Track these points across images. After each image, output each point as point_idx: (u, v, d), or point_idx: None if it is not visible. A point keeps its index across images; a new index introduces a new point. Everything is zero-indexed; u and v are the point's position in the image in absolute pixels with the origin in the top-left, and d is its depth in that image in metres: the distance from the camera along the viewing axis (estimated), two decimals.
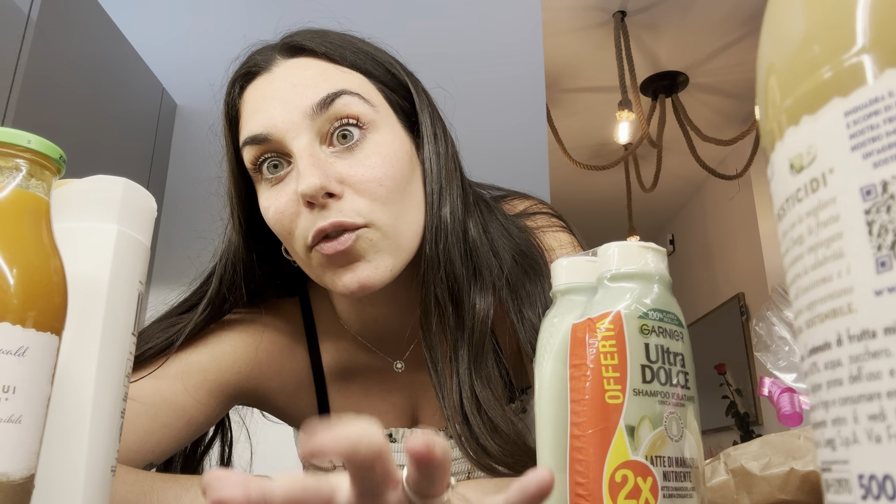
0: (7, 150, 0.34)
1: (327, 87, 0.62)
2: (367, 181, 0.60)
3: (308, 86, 0.62)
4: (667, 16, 3.04)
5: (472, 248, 0.66)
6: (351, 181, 0.60)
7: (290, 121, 0.61)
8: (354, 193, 0.60)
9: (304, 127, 0.61)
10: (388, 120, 0.65)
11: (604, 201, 4.50)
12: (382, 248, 0.61)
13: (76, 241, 0.39)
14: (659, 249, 0.38)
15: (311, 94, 0.61)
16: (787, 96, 0.22)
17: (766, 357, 0.61)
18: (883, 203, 0.19)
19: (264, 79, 0.65)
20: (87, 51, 1.63)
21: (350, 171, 0.60)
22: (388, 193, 0.61)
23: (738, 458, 0.45)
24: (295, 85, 0.62)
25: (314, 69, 0.64)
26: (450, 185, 0.66)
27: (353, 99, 0.62)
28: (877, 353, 0.19)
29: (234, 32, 1.99)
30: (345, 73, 0.64)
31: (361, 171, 0.60)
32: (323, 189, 0.58)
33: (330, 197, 0.59)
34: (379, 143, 0.62)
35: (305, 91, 0.61)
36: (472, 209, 0.68)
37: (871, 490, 0.19)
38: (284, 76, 0.64)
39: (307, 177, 0.58)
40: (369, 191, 0.60)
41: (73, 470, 0.38)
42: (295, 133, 0.61)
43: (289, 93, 0.62)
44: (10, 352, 0.31)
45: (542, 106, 1.95)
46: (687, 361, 0.37)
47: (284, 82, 0.63)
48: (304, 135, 0.61)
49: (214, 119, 0.71)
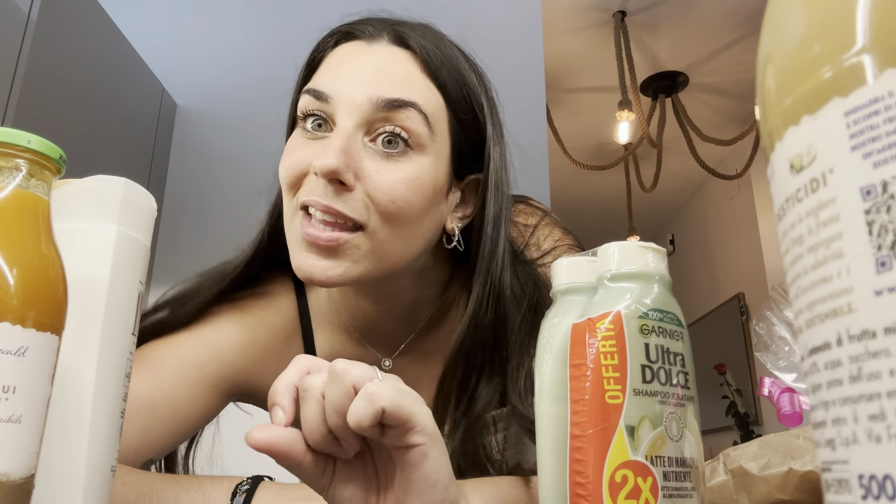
0: (7, 150, 0.34)
1: (402, 92, 0.61)
2: (383, 192, 0.60)
3: (387, 79, 0.61)
4: (667, 16, 3.04)
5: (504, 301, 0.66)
6: (369, 182, 0.60)
7: (353, 98, 0.60)
8: (364, 194, 0.60)
9: (360, 111, 0.60)
10: (439, 151, 0.64)
11: (604, 201, 4.50)
12: (360, 259, 0.61)
13: (76, 241, 0.39)
14: (659, 249, 0.38)
15: (385, 87, 0.61)
16: (787, 96, 0.22)
17: (766, 357, 0.61)
18: (883, 203, 0.19)
19: (359, 46, 0.65)
20: (87, 51, 1.63)
21: (373, 172, 0.60)
22: (398, 214, 0.60)
23: (737, 459, 0.45)
24: (378, 70, 0.62)
25: (405, 68, 0.63)
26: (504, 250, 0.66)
27: (418, 116, 0.61)
28: (877, 353, 0.19)
29: (234, 32, 2.00)
30: (429, 87, 0.63)
31: (382, 179, 0.60)
32: (334, 173, 0.58)
33: (340, 184, 0.59)
34: (415, 165, 0.61)
35: (382, 82, 0.61)
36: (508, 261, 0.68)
37: (871, 490, 0.19)
38: (377, 57, 0.63)
39: (329, 156, 0.58)
40: (379, 202, 0.60)
41: (73, 470, 0.38)
42: (349, 110, 0.60)
43: (370, 75, 0.61)
44: (10, 352, 0.31)
45: (542, 106, 1.95)
46: (687, 361, 0.37)
47: (372, 63, 0.63)
48: (355, 117, 0.60)
49: (215, 118, 0.71)
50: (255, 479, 0.55)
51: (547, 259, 0.74)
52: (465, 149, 0.66)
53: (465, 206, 0.69)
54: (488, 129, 0.67)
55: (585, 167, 3.49)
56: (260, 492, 0.54)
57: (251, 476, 0.56)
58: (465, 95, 0.65)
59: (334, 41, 0.67)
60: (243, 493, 0.54)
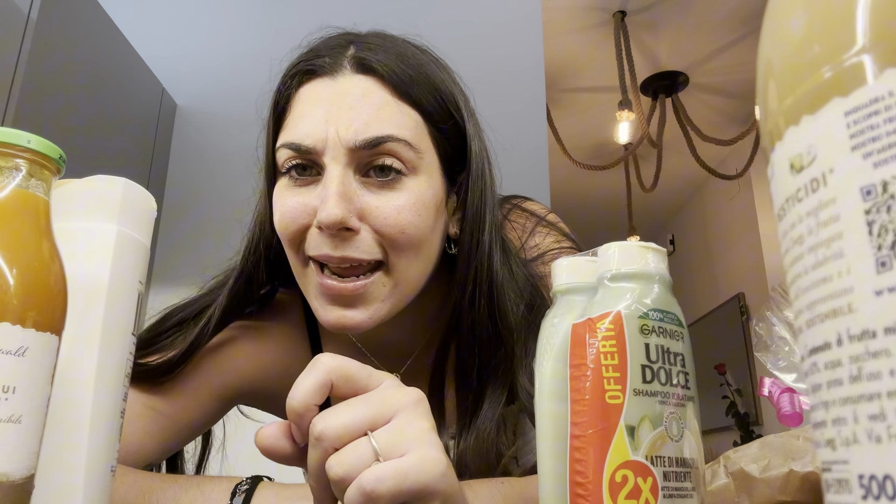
0: (7, 150, 0.34)
1: (377, 129, 0.59)
2: (390, 226, 0.59)
3: (360, 117, 0.60)
4: (667, 16, 3.04)
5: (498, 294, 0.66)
6: (373, 219, 0.59)
7: (334, 142, 0.59)
8: (372, 232, 0.59)
9: (344, 153, 0.59)
10: (430, 167, 0.63)
11: (604, 201, 4.50)
12: (387, 298, 0.61)
13: (76, 241, 0.39)
14: (659, 249, 0.38)
15: (361, 128, 0.59)
16: (787, 96, 0.22)
17: (766, 357, 0.61)
18: (883, 203, 0.19)
19: (324, 84, 0.62)
20: (87, 51, 1.63)
21: (376, 207, 0.59)
22: (409, 241, 0.60)
23: (737, 461, 0.45)
24: (351, 107, 0.60)
25: (375, 98, 0.61)
26: (483, 234, 0.66)
27: (400, 145, 0.60)
28: (877, 353, 0.19)
29: (234, 32, 1.99)
30: (403, 111, 0.62)
31: (386, 214, 0.59)
32: (342, 224, 0.57)
33: (347, 230, 0.59)
34: (412, 189, 0.61)
35: (356, 123, 0.59)
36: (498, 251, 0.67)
37: (871, 490, 0.19)
38: (345, 93, 0.61)
39: (330, 207, 0.57)
40: (389, 236, 0.60)
41: (73, 470, 0.38)
42: (334, 154, 0.59)
43: (344, 113, 0.60)
44: (10, 352, 0.31)
45: (542, 106, 1.95)
46: (687, 361, 0.37)
47: (342, 99, 0.61)
48: (341, 159, 0.59)
49: (215, 118, 0.71)
50: (255, 480, 0.55)
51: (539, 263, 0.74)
52: (452, 154, 0.66)
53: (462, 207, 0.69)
54: (467, 128, 0.67)
55: (585, 167, 3.49)
56: (259, 492, 0.54)
57: (250, 476, 0.56)
58: (440, 104, 0.64)
59: (297, 82, 0.64)
60: (242, 493, 0.54)
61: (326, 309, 0.61)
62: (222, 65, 1.96)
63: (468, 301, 0.65)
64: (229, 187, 1.80)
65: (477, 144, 0.67)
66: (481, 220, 0.66)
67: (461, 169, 0.67)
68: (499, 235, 0.69)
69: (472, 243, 0.65)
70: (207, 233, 1.77)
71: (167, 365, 0.65)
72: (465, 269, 0.65)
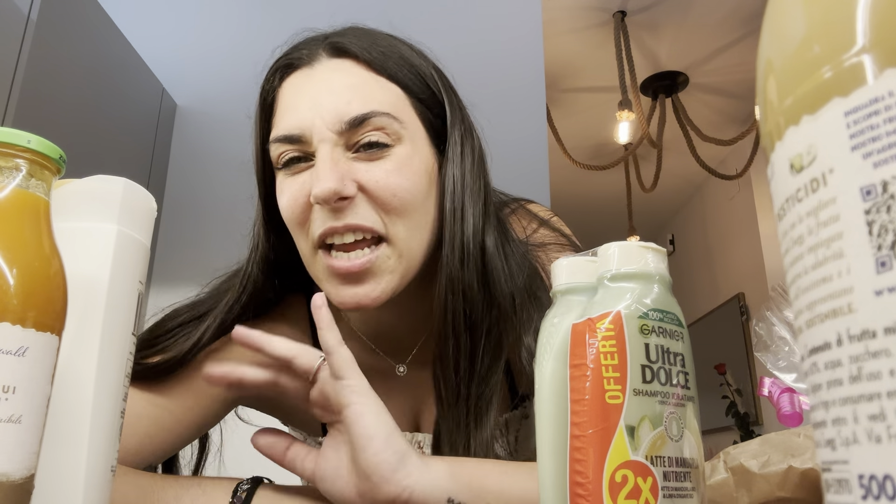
0: (7, 150, 0.34)
1: (359, 106, 0.62)
2: (381, 188, 0.61)
3: (342, 98, 0.62)
4: (667, 16, 3.04)
5: (489, 267, 0.66)
6: (366, 186, 0.61)
7: (318, 127, 0.61)
8: (367, 199, 0.61)
9: (331, 135, 0.61)
10: (416, 136, 0.65)
11: (604, 201, 4.50)
12: (394, 269, 0.62)
13: (76, 241, 0.39)
14: (659, 249, 0.38)
15: (342, 108, 0.62)
16: (787, 96, 0.22)
17: (766, 357, 0.61)
18: (883, 203, 0.19)
19: (304, 74, 0.65)
20: (87, 51, 1.63)
21: (367, 175, 0.61)
22: (402, 205, 0.62)
23: (737, 457, 0.45)
24: (331, 91, 0.63)
25: (353, 77, 0.64)
26: (473, 203, 0.66)
27: (384, 119, 0.62)
28: (877, 353, 0.19)
29: (234, 32, 2.00)
30: (382, 85, 0.65)
31: (377, 178, 0.61)
32: (337, 194, 0.59)
33: (343, 200, 0.60)
34: (401, 157, 0.63)
35: (338, 103, 0.62)
36: (491, 227, 0.68)
37: (871, 490, 0.19)
38: (324, 77, 0.64)
39: (323, 180, 0.59)
40: (382, 199, 0.61)
41: (73, 470, 0.38)
42: (321, 137, 0.61)
43: (325, 98, 0.63)
44: (10, 352, 0.31)
45: (542, 106, 1.95)
46: (687, 361, 0.37)
47: (322, 84, 0.64)
48: (329, 140, 0.61)
49: (215, 118, 0.71)
50: (255, 480, 0.56)
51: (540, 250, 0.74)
52: (436, 124, 0.68)
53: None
54: (444, 97, 0.69)
55: (585, 167, 3.49)
56: (260, 493, 0.54)
57: (251, 477, 0.56)
58: (416, 77, 0.67)
59: (279, 77, 0.67)
60: (243, 493, 0.54)
61: (339, 290, 0.62)
62: (222, 65, 1.96)
63: (458, 262, 0.64)
64: (229, 187, 1.81)
65: (457, 115, 0.69)
66: (464, 183, 0.66)
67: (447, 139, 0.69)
68: (492, 207, 0.70)
69: (454, 203, 0.65)
70: (207, 233, 1.77)
71: (168, 364, 0.65)
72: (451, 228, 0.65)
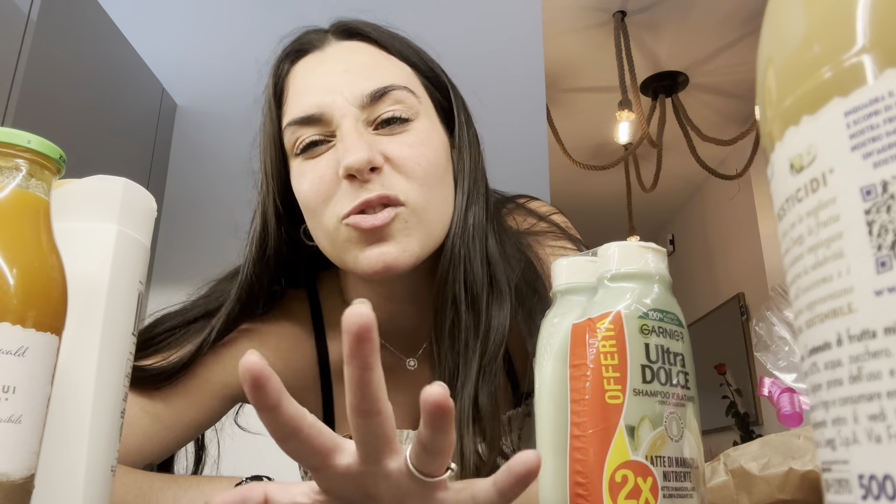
0: (7, 150, 0.34)
1: (378, 80, 0.63)
2: (406, 158, 0.61)
3: (359, 74, 0.63)
4: (667, 16, 3.04)
5: (491, 255, 0.66)
6: (392, 157, 0.61)
7: (340, 104, 0.62)
8: (392, 170, 0.61)
9: (352, 112, 0.62)
10: (428, 111, 0.66)
11: (604, 201, 4.50)
12: (413, 231, 0.61)
13: (76, 241, 0.39)
14: (659, 249, 0.38)
15: (361, 83, 0.62)
16: (787, 96, 0.22)
17: (766, 357, 0.61)
18: (883, 203, 0.19)
19: (315, 57, 0.66)
20: (87, 51, 1.63)
21: (391, 147, 0.62)
22: (425, 175, 0.62)
23: (737, 459, 0.45)
24: (347, 70, 0.63)
25: (366, 56, 0.65)
26: (477, 191, 0.67)
27: (402, 93, 0.63)
28: (877, 353, 0.19)
29: (234, 32, 2.00)
30: (394, 63, 0.66)
31: (401, 149, 0.62)
32: (370, 163, 0.59)
33: (373, 171, 0.60)
34: (420, 130, 0.64)
35: (357, 79, 0.62)
36: (492, 218, 0.69)
37: (871, 490, 0.19)
38: (337, 58, 0.65)
39: (355, 151, 0.59)
40: (407, 168, 0.61)
41: (73, 470, 0.38)
42: (342, 114, 0.62)
43: (339, 77, 0.63)
44: (10, 352, 0.31)
45: (542, 106, 1.94)
46: (687, 361, 0.37)
47: (336, 64, 0.64)
48: (351, 115, 0.62)
49: (215, 118, 0.71)
50: (255, 479, 0.55)
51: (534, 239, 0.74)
52: (443, 104, 0.69)
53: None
54: (446, 81, 0.70)
55: (585, 167, 3.49)
56: None
57: (250, 476, 0.56)
58: (422, 59, 0.69)
59: (289, 63, 0.68)
60: None
61: (365, 252, 0.60)
62: (222, 65, 1.96)
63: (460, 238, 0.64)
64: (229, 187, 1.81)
65: (460, 100, 0.70)
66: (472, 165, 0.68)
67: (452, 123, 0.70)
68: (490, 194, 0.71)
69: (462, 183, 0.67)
70: (207, 233, 1.77)
71: (169, 371, 0.64)
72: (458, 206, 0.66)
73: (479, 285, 0.64)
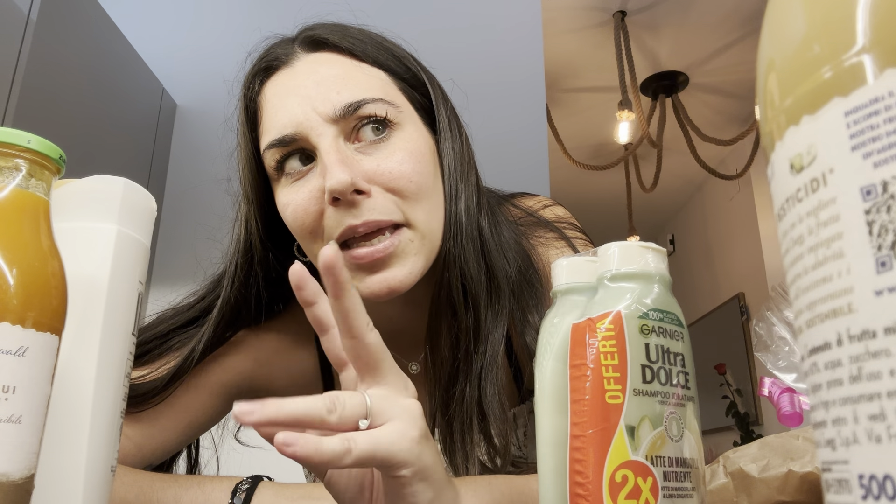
0: (7, 150, 0.34)
1: (350, 94, 0.60)
2: (397, 178, 0.59)
3: (331, 88, 0.61)
4: (667, 16, 3.04)
5: (486, 246, 0.65)
6: (379, 179, 0.59)
7: (315, 119, 0.60)
8: (384, 191, 0.59)
9: (328, 126, 0.60)
10: (411, 118, 0.64)
11: (604, 201, 4.50)
12: (419, 250, 0.60)
13: (76, 241, 0.39)
14: (659, 249, 0.38)
15: (333, 97, 0.60)
16: (787, 96, 0.22)
17: (766, 357, 0.61)
18: (883, 203, 0.19)
19: (285, 74, 0.64)
20: (87, 51, 1.63)
21: (378, 167, 0.60)
22: (419, 190, 0.60)
23: (736, 461, 0.45)
24: (318, 83, 0.61)
25: (337, 67, 0.63)
26: (466, 182, 0.65)
27: (378, 105, 0.61)
28: (877, 353, 0.19)
29: (235, 32, 1.99)
30: (367, 72, 0.63)
31: (389, 168, 0.60)
32: (352, 186, 0.57)
33: (358, 194, 0.58)
34: (404, 140, 0.62)
35: (328, 94, 0.60)
36: (484, 207, 0.68)
37: (871, 490, 0.19)
38: (306, 72, 0.62)
39: (336, 173, 0.57)
40: (399, 188, 0.60)
41: (73, 470, 0.38)
42: (320, 131, 0.60)
43: (312, 90, 0.61)
44: (10, 352, 0.31)
45: (542, 106, 1.94)
46: (687, 361, 0.37)
47: (307, 79, 0.62)
48: (328, 133, 0.60)
49: (215, 118, 0.70)
50: (255, 479, 0.55)
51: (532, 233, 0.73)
52: (424, 104, 0.67)
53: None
54: (423, 76, 0.68)
55: (585, 167, 3.49)
56: (259, 491, 0.54)
57: (251, 476, 0.56)
58: (395, 59, 0.66)
59: (258, 83, 0.65)
60: (243, 493, 0.54)
61: (366, 281, 0.59)
62: (222, 65, 1.95)
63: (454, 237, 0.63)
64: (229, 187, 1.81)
65: (439, 93, 0.68)
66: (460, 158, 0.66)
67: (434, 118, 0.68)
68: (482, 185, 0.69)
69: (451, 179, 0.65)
70: (207, 233, 1.76)
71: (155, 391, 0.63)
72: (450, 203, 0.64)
73: (477, 283, 0.63)
